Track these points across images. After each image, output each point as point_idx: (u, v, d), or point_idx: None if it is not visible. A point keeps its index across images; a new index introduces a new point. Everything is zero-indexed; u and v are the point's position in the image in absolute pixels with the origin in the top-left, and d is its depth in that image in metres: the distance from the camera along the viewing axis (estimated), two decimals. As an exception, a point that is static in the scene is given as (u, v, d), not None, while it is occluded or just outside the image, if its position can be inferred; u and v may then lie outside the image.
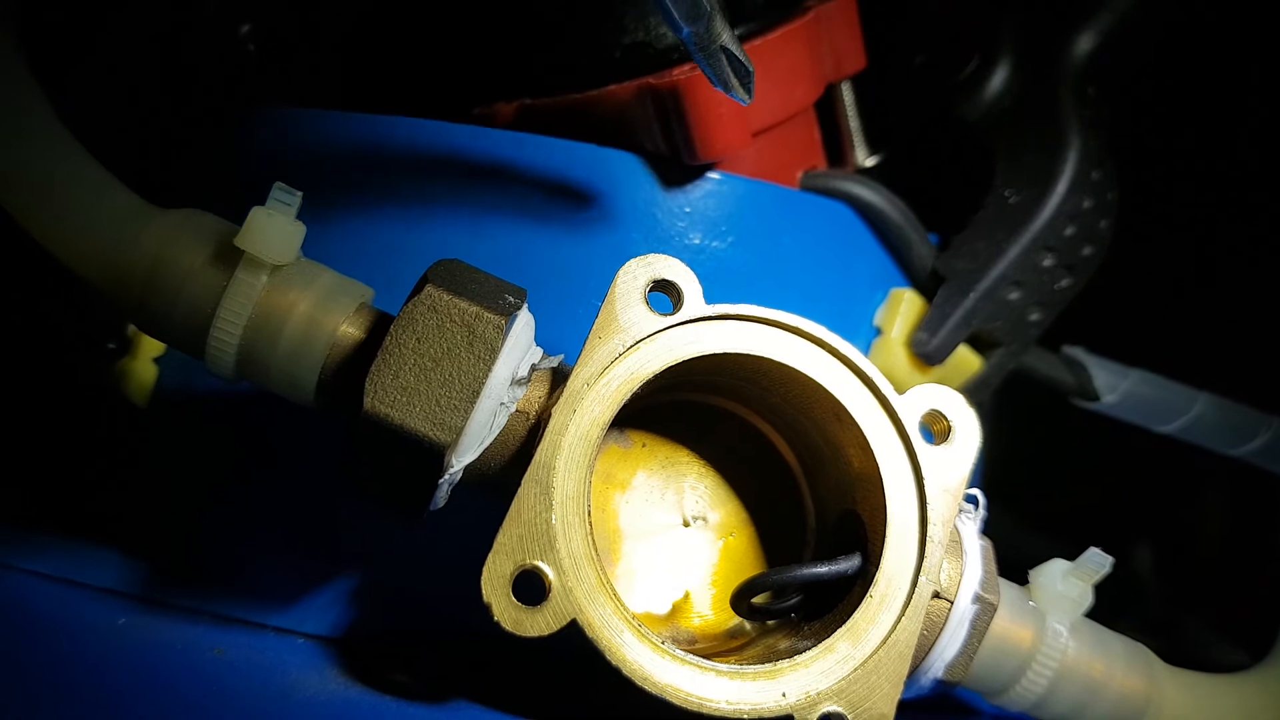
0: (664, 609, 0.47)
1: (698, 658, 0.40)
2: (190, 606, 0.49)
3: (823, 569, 0.43)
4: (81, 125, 0.44)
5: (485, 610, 0.38)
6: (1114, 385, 0.61)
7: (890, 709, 0.40)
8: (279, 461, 0.51)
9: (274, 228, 0.40)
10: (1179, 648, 0.81)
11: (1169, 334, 0.80)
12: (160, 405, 0.53)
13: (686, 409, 0.48)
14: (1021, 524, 0.86)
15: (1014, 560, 0.47)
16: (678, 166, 0.52)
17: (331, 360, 0.41)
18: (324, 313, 0.41)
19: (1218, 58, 0.73)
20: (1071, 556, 0.47)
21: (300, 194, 0.41)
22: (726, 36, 0.39)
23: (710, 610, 0.47)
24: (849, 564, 0.43)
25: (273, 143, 0.54)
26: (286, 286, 0.41)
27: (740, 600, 0.45)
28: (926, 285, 0.58)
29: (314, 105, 0.54)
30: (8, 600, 0.48)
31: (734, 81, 0.41)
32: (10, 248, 0.58)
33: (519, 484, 0.40)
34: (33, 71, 0.44)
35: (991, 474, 0.70)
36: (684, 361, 0.42)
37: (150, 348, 0.54)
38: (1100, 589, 0.46)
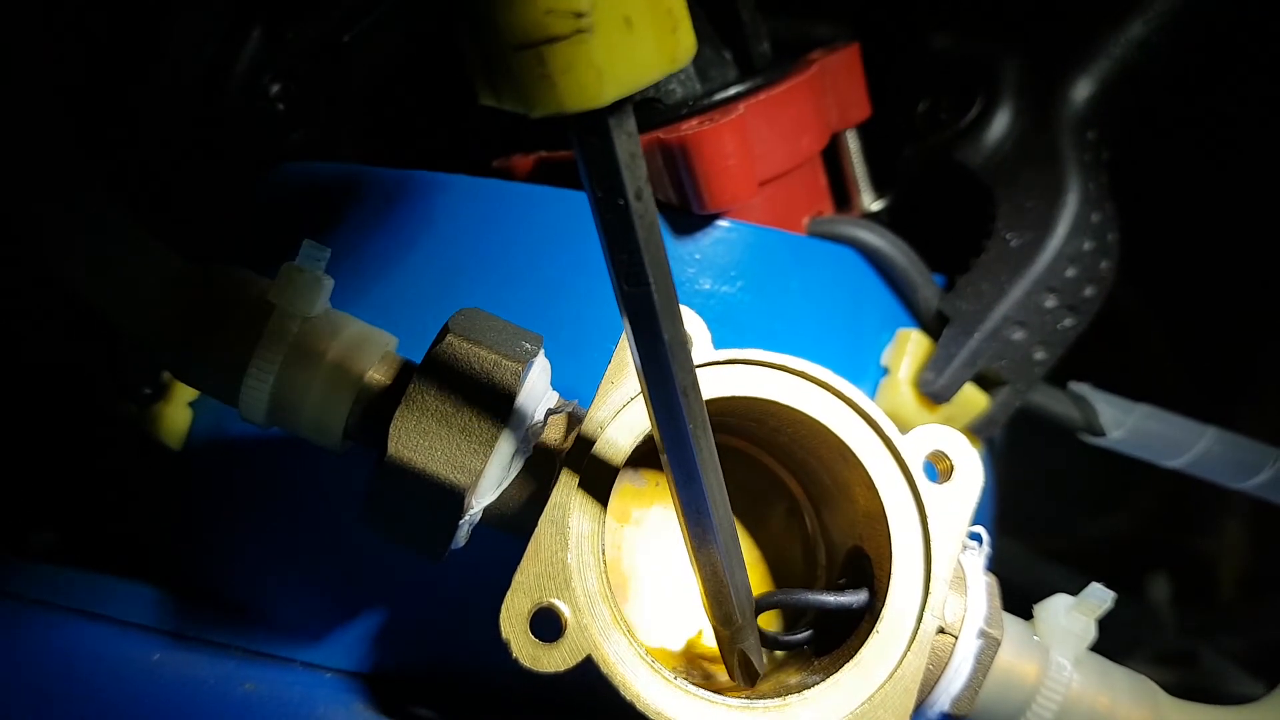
0: (678, 644, 0.48)
1: (709, 692, 0.41)
2: (222, 642, 0.50)
3: (829, 598, 0.45)
4: (117, 182, 0.46)
5: (504, 646, 0.39)
6: (1120, 421, 0.62)
7: (897, 742, 0.41)
8: (307, 502, 0.53)
9: (304, 282, 0.42)
10: (1196, 679, 0.81)
11: (1176, 368, 0.81)
12: (194, 449, 0.55)
13: (698, 449, 0.50)
14: (1042, 555, 0.86)
15: (1035, 591, 0.48)
16: (688, 216, 0.54)
17: (358, 407, 0.43)
18: (351, 362, 0.43)
19: (1217, 96, 0.74)
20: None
21: (329, 250, 0.43)
22: (750, 643, 0.42)
23: (723, 645, 0.48)
24: (855, 598, 0.44)
25: (301, 198, 0.56)
26: (316, 337, 0.43)
27: None
28: (932, 326, 0.60)
29: (340, 161, 0.56)
30: (46, 637, 0.50)
31: (738, 672, 0.44)
32: (51, 297, 0.60)
33: (536, 524, 0.41)
34: (70, 127, 0.46)
35: (1011, 506, 0.70)
36: (694, 405, 0.44)
37: (184, 393, 0.55)
38: (1118, 619, 0.47)
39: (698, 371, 0.44)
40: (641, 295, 0.33)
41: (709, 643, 0.48)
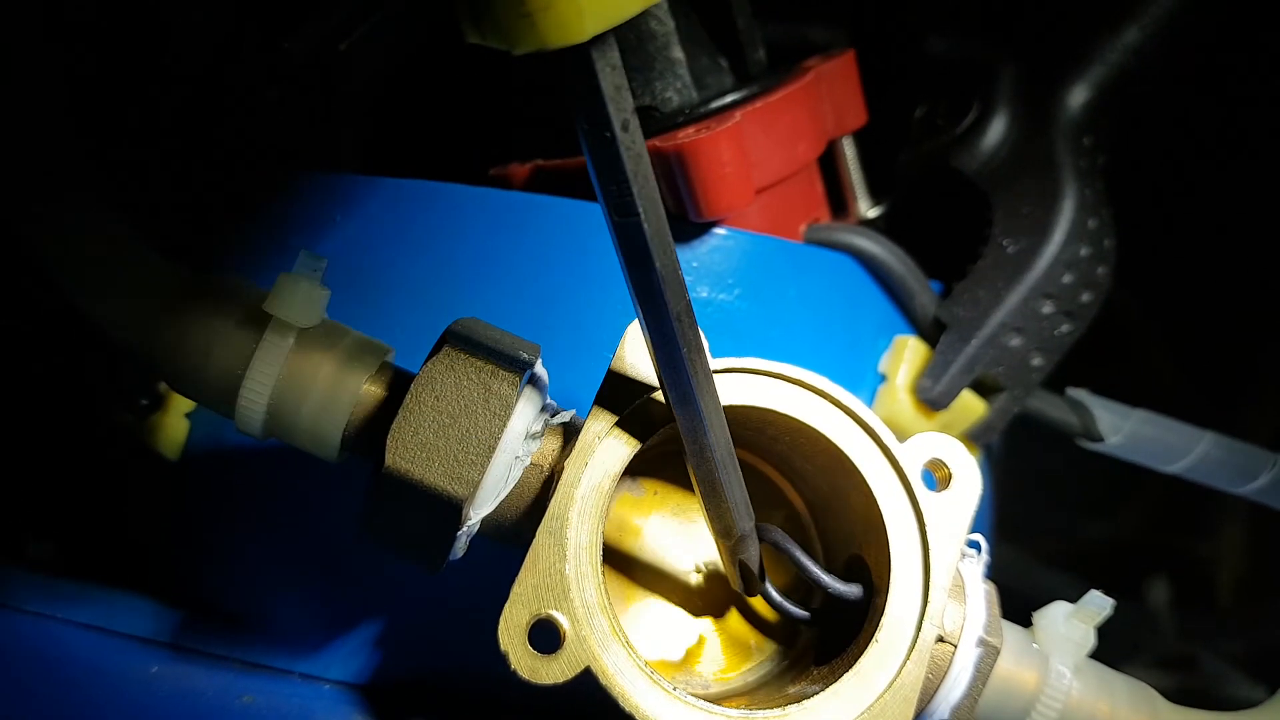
0: (677, 655, 0.48)
1: (709, 703, 0.41)
2: (220, 654, 0.50)
3: (823, 574, 0.45)
4: (115, 192, 0.46)
5: (503, 658, 0.39)
6: (1118, 426, 0.62)
7: (897, 751, 0.41)
8: (305, 514, 0.53)
9: (300, 292, 0.42)
10: (1196, 683, 0.81)
11: (1174, 374, 0.81)
12: (191, 459, 0.55)
13: (696, 458, 0.50)
14: (1040, 561, 0.86)
15: (1034, 598, 0.48)
16: (685, 224, 0.54)
17: (355, 418, 0.43)
18: (348, 372, 0.43)
19: (1213, 101, 0.75)
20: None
21: (325, 260, 0.43)
22: (750, 554, 0.44)
23: (722, 656, 0.48)
24: (849, 587, 0.44)
25: (298, 207, 0.56)
26: (312, 348, 0.43)
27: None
28: (929, 332, 0.60)
29: (338, 169, 0.56)
30: (45, 649, 0.50)
31: (739, 581, 0.45)
32: (48, 306, 0.60)
33: (534, 535, 0.41)
34: (69, 132, 0.46)
35: (1009, 512, 0.70)
36: (691, 414, 0.44)
37: (181, 404, 0.55)
38: (1117, 624, 0.47)
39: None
40: (632, 225, 0.34)
41: (709, 654, 0.48)
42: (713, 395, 0.39)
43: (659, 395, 0.43)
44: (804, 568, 0.45)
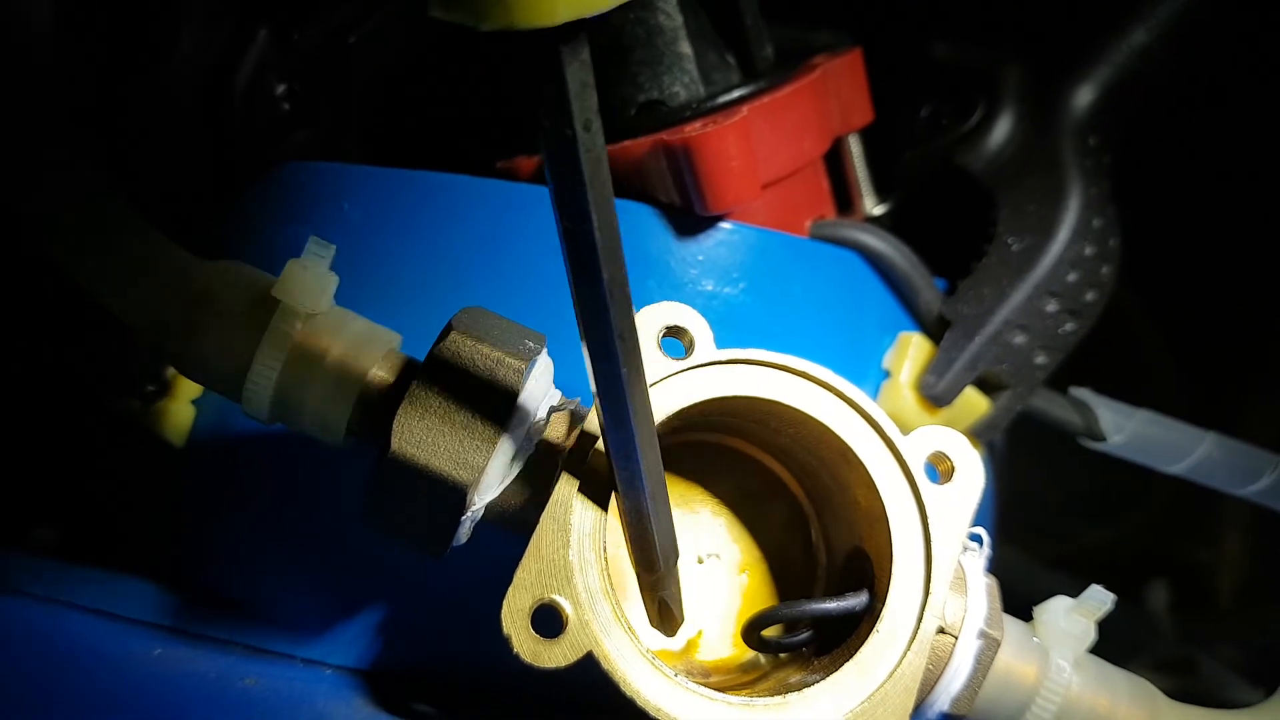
0: (678, 645, 0.48)
1: (710, 690, 0.41)
2: (223, 638, 0.50)
3: (831, 605, 0.45)
4: (123, 180, 0.46)
5: (505, 642, 0.39)
6: (1120, 426, 0.62)
7: (897, 741, 0.41)
8: (309, 499, 0.53)
9: (309, 278, 0.43)
10: (1195, 686, 0.81)
11: (1177, 374, 0.81)
12: (196, 445, 0.55)
13: (699, 448, 0.50)
14: (1041, 561, 0.86)
15: (1035, 597, 0.48)
16: (691, 217, 0.54)
17: (361, 404, 0.43)
18: (355, 358, 0.43)
19: (1218, 102, 0.75)
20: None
21: (334, 247, 0.43)
22: (671, 592, 0.44)
23: (724, 646, 0.48)
24: (856, 601, 0.45)
25: (306, 197, 0.57)
26: (320, 333, 0.43)
27: (751, 633, 0.46)
28: (934, 329, 0.60)
29: (344, 160, 0.56)
30: (49, 632, 0.50)
31: (657, 619, 0.46)
32: (55, 291, 0.61)
33: (538, 521, 0.42)
34: (78, 124, 0.46)
35: (1011, 511, 0.70)
36: (695, 404, 0.44)
37: (188, 390, 0.56)
38: (1117, 626, 0.47)
39: (699, 372, 0.44)
40: (583, 232, 0.32)
41: (710, 644, 0.48)
42: (649, 423, 0.38)
43: (660, 387, 0.43)
44: (819, 614, 0.45)
